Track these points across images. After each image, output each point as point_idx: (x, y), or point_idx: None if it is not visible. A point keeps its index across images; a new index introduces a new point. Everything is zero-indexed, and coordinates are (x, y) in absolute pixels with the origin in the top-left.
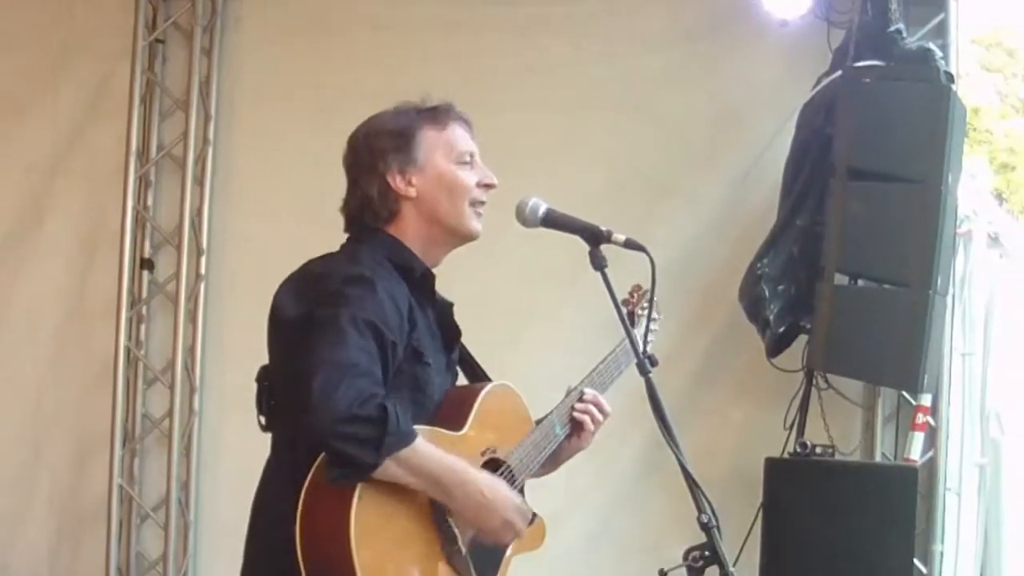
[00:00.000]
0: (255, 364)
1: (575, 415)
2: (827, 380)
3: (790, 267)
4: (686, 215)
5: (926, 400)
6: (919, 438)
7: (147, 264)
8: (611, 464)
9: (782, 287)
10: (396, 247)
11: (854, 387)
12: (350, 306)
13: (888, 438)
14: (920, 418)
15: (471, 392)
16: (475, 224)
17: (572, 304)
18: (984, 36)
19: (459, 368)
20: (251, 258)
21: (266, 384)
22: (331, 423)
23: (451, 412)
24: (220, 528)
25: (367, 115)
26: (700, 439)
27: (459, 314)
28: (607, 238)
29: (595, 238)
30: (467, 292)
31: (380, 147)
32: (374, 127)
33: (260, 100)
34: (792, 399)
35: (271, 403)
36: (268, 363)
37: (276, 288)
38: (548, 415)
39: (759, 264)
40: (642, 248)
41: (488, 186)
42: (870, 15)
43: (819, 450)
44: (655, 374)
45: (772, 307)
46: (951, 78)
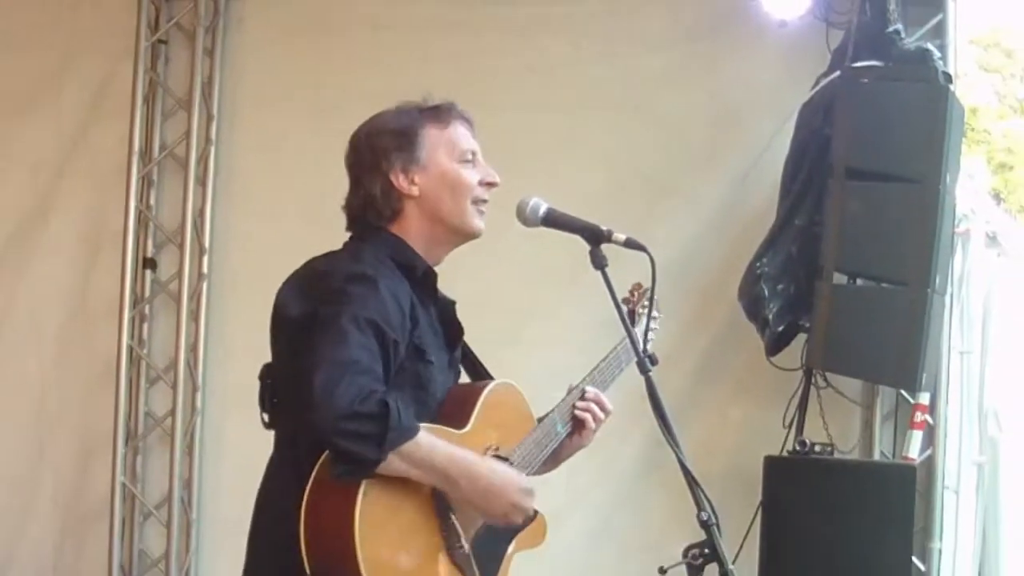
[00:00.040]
0: (257, 363)
1: (577, 413)
2: (826, 379)
3: (789, 266)
4: (686, 214)
5: (924, 398)
6: (917, 436)
7: (150, 263)
8: (611, 462)
9: (781, 286)
10: (399, 245)
11: (853, 386)
12: (352, 304)
13: (887, 436)
14: (918, 416)
15: (474, 390)
16: (478, 222)
17: (573, 303)
18: (982, 36)
19: (461, 366)
20: (253, 257)
21: (269, 382)
22: (333, 420)
23: (454, 410)
24: (222, 526)
25: (368, 115)
26: (700, 437)
27: (460, 313)
28: (607, 237)
29: (595, 237)
30: (468, 291)
31: (383, 146)
32: (377, 126)
33: (262, 100)
34: (791, 398)
35: (274, 401)
36: (271, 361)
37: (278, 287)
38: (550, 413)
39: (758, 263)
40: (642, 247)
41: (490, 184)
42: (869, 16)
43: (818, 448)
44: (655, 373)
45: (771, 306)
46: (949, 78)
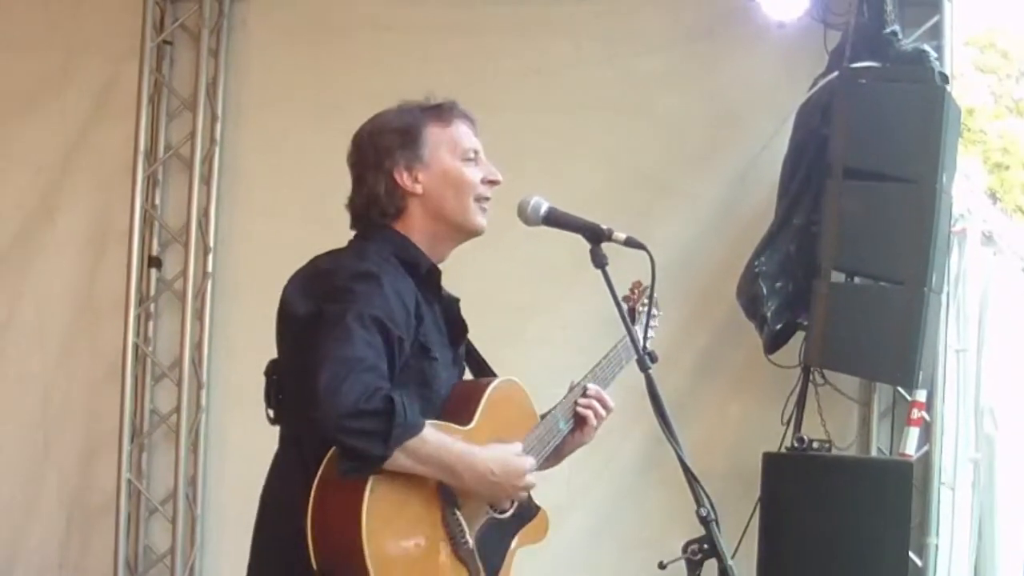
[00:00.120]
0: (261, 360)
1: (579, 410)
2: (824, 376)
3: (787, 265)
4: (685, 213)
5: (921, 396)
6: (914, 433)
7: (155, 262)
8: (612, 459)
9: (779, 285)
10: (403, 243)
11: (850, 383)
12: (357, 302)
13: (884, 433)
14: (915, 413)
15: (478, 387)
16: (480, 220)
17: (573, 301)
18: (978, 38)
19: (465, 363)
20: (257, 256)
21: (275, 378)
22: (338, 418)
23: (458, 407)
24: (227, 521)
25: (371, 115)
26: (699, 434)
27: (463, 311)
28: (608, 236)
29: (596, 236)
30: (470, 289)
31: (386, 145)
32: (379, 125)
33: (266, 101)
34: (789, 395)
35: (280, 397)
36: (277, 358)
37: (282, 285)
38: (552, 410)
39: (757, 262)
40: (642, 246)
41: (492, 182)
42: (866, 17)
43: (816, 445)
44: (655, 370)
45: (770, 304)
46: (945, 79)
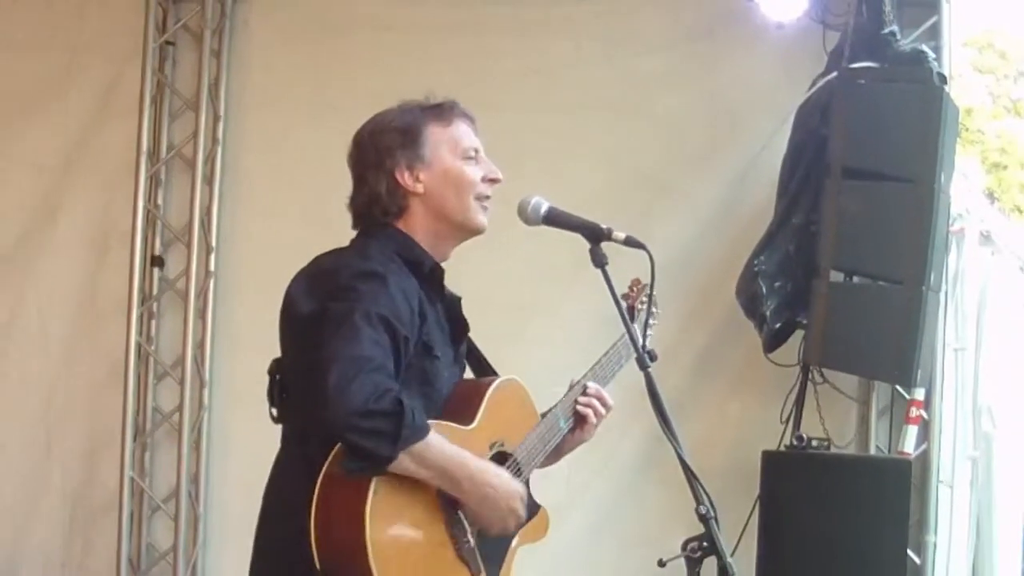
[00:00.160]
0: (264, 359)
1: (579, 408)
2: (823, 375)
3: (786, 264)
4: (685, 213)
5: (919, 394)
6: (913, 431)
7: (157, 261)
8: (611, 457)
9: (779, 284)
10: (405, 242)
11: (849, 382)
12: (362, 301)
13: (882, 431)
14: (914, 412)
15: (480, 387)
16: (481, 218)
17: (573, 300)
18: (976, 38)
19: (466, 361)
20: (259, 255)
21: (278, 377)
22: (347, 417)
23: (460, 406)
24: (229, 520)
25: (372, 115)
26: (698, 432)
27: (463, 309)
28: (607, 236)
29: (596, 236)
30: (471, 288)
31: (387, 144)
32: (380, 124)
33: (268, 101)
34: (788, 393)
35: (283, 396)
36: (280, 356)
37: (284, 284)
38: (552, 408)
39: (756, 261)
40: (642, 245)
41: (493, 180)
42: (865, 18)
43: (815, 443)
44: (655, 369)
45: (769, 303)
46: (944, 79)
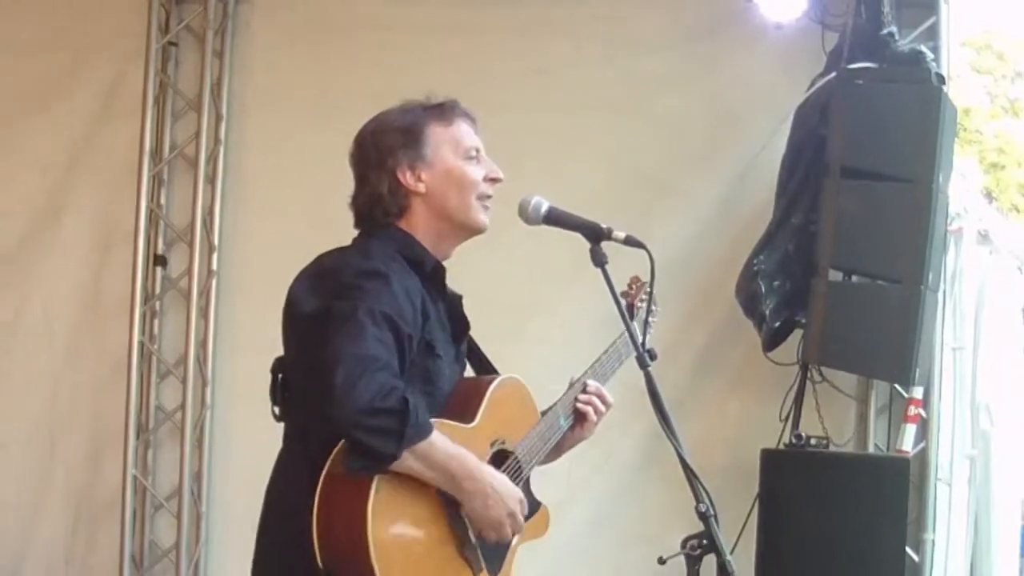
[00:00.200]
0: (265, 358)
1: (579, 406)
2: (821, 373)
3: (786, 263)
4: (684, 213)
5: (918, 393)
6: (911, 430)
7: (160, 261)
8: (612, 455)
9: (778, 283)
10: (407, 241)
11: (848, 380)
12: (366, 299)
13: (881, 430)
14: (912, 410)
15: (481, 385)
16: (483, 217)
17: (573, 299)
18: (974, 39)
19: (467, 359)
20: (261, 254)
21: (280, 376)
22: (354, 415)
23: (462, 404)
24: (231, 517)
25: (373, 115)
26: (698, 431)
27: (464, 308)
28: (607, 235)
29: (596, 235)
30: (472, 287)
31: (389, 144)
32: (382, 124)
33: (270, 101)
34: (787, 392)
35: (285, 395)
36: (282, 355)
37: (286, 284)
38: (553, 406)
39: (755, 261)
40: (642, 245)
41: (494, 180)
42: (863, 18)
43: (814, 442)
44: (655, 368)
45: (768, 302)
46: (942, 79)
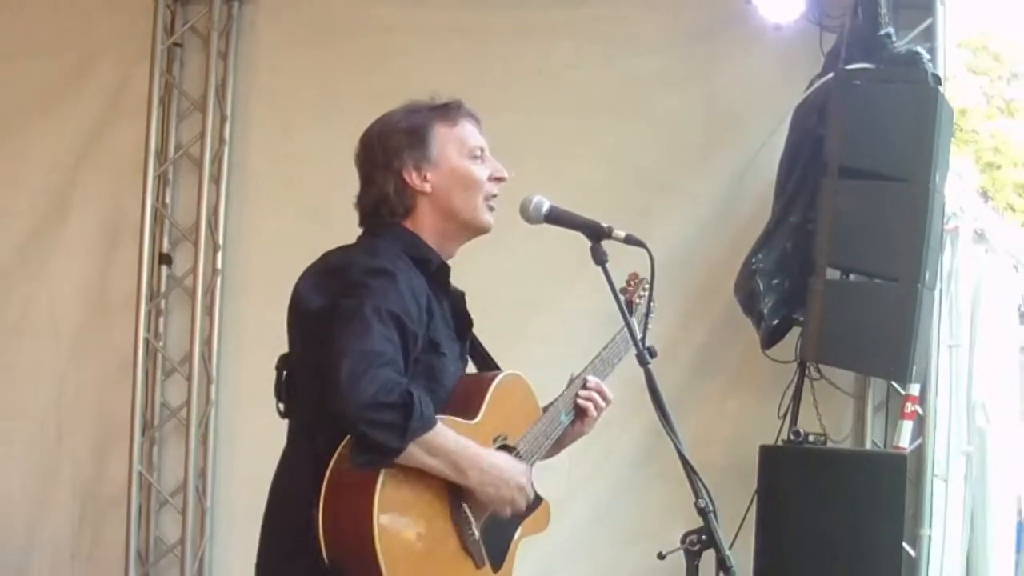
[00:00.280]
0: (270, 355)
1: (579, 402)
2: (819, 371)
3: (784, 262)
4: (684, 212)
5: (914, 390)
6: (908, 427)
7: (165, 259)
8: (612, 452)
9: (776, 281)
10: (413, 241)
11: (845, 377)
12: (373, 297)
13: (878, 427)
14: (909, 407)
15: (483, 381)
16: (488, 217)
17: (574, 297)
18: (971, 40)
19: (469, 356)
20: (265, 253)
21: (285, 372)
22: (359, 410)
23: (465, 401)
24: (236, 513)
25: (377, 116)
26: (697, 428)
27: (467, 306)
28: (608, 234)
29: (596, 234)
30: (473, 286)
31: (394, 144)
32: (387, 125)
33: (274, 101)
34: (786, 389)
35: (290, 391)
36: (287, 352)
37: (290, 282)
38: (554, 402)
39: (754, 259)
40: (642, 244)
41: (499, 179)
42: (861, 19)
43: (811, 438)
44: (654, 365)
45: (766, 301)
46: (938, 80)
